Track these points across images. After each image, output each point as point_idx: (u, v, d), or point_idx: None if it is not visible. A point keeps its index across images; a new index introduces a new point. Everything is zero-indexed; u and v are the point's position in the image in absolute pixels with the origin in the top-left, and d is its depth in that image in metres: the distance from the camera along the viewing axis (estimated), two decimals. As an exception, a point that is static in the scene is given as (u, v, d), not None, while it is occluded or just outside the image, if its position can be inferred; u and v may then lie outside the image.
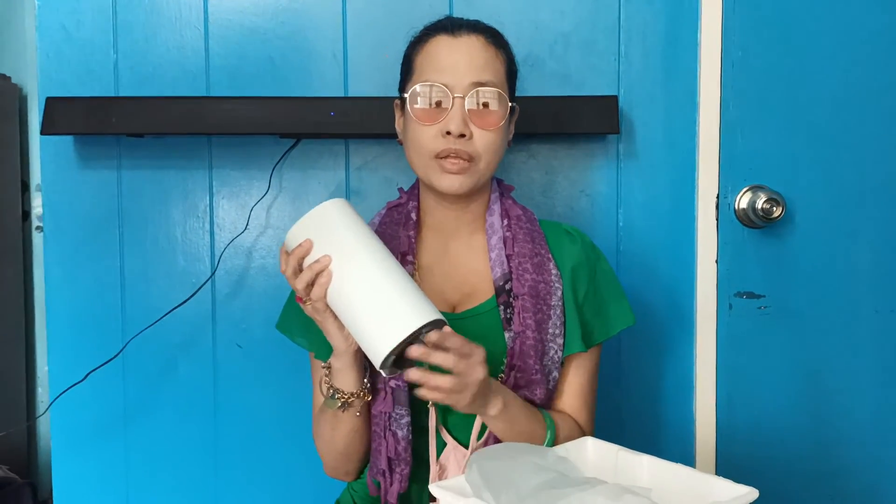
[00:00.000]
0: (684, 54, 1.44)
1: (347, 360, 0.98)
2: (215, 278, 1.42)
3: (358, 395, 1.00)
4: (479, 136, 1.03)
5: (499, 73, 1.06)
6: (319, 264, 0.91)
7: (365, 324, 0.90)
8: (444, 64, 1.03)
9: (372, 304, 0.90)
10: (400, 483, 1.02)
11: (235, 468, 1.45)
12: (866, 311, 1.48)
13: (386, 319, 0.89)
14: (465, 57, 1.03)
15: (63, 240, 1.42)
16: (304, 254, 0.93)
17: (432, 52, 1.05)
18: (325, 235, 0.93)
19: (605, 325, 1.11)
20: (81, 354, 1.41)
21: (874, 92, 1.46)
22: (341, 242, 0.92)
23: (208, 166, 1.42)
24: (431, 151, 1.03)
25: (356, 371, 0.99)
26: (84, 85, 1.40)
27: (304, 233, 0.94)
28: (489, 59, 1.04)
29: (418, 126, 1.03)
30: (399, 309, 0.89)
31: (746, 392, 1.48)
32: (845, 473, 1.51)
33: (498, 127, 1.04)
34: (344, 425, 1.03)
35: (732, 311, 1.46)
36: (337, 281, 0.91)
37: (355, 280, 0.91)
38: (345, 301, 0.92)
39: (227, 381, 1.44)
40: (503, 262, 1.08)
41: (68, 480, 1.44)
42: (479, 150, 1.03)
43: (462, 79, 1.02)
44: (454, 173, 1.03)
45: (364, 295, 0.90)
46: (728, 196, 1.44)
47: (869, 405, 1.50)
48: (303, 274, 0.92)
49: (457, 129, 1.01)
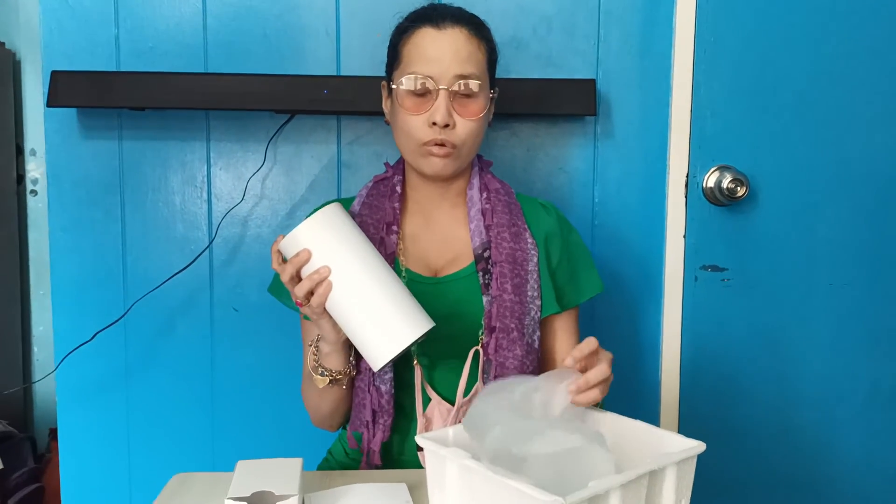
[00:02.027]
0: (660, 40, 1.50)
1: (337, 346, 1.05)
2: (212, 245, 1.49)
3: (345, 372, 1.07)
4: (462, 124, 1.09)
5: (481, 64, 1.11)
6: (319, 275, 0.94)
7: (362, 334, 0.96)
8: (430, 56, 1.08)
9: (369, 316, 0.95)
10: (383, 433, 1.10)
11: (231, 422, 1.52)
12: (821, 285, 1.57)
13: (383, 332, 0.94)
14: (450, 50, 1.08)
15: (67, 207, 1.47)
16: (303, 263, 0.95)
17: (419, 43, 1.10)
18: (323, 245, 0.95)
19: (576, 291, 1.19)
20: (85, 315, 1.47)
21: (837, 80, 1.53)
22: (339, 253, 0.95)
23: (206, 139, 1.48)
24: (419, 140, 1.10)
25: (344, 354, 1.06)
26: (86, 58, 1.44)
27: (301, 241, 0.95)
28: (472, 52, 1.10)
29: (406, 115, 1.10)
30: (395, 322, 0.94)
31: (708, 357, 1.57)
32: (799, 431, 1.61)
33: (479, 117, 1.11)
34: (330, 395, 1.11)
35: (698, 282, 1.55)
36: (335, 291, 0.95)
37: (353, 293, 0.95)
38: (343, 310, 0.96)
39: (224, 341, 1.51)
40: (482, 231, 1.16)
41: (73, 433, 1.52)
42: (463, 138, 1.10)
43: (447, 71, 1.08)
44: (440, 157, 1.10)
45: (362, 308, 0.95)
46: (697, 175, 1.52)
47: (821, 370, 1.59)
48: (302, 283, 0.96)
49: (442, 120, 1.07)
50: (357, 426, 1.13)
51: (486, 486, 0.80)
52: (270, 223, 1.50)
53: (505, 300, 1.12)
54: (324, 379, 1.07)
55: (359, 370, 1.11)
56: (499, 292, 1.12)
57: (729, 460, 1.59)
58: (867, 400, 1.60)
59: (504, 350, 1.11)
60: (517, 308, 1.12)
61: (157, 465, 1.52)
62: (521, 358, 1.12)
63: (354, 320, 0.96)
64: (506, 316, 1.11)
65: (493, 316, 1.12)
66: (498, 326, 1.11)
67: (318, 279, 0.95)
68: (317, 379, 1.07)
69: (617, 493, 0.77)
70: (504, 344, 1.11)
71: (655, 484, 0.82)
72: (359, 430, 1.13)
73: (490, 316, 1.12)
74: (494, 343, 1.11)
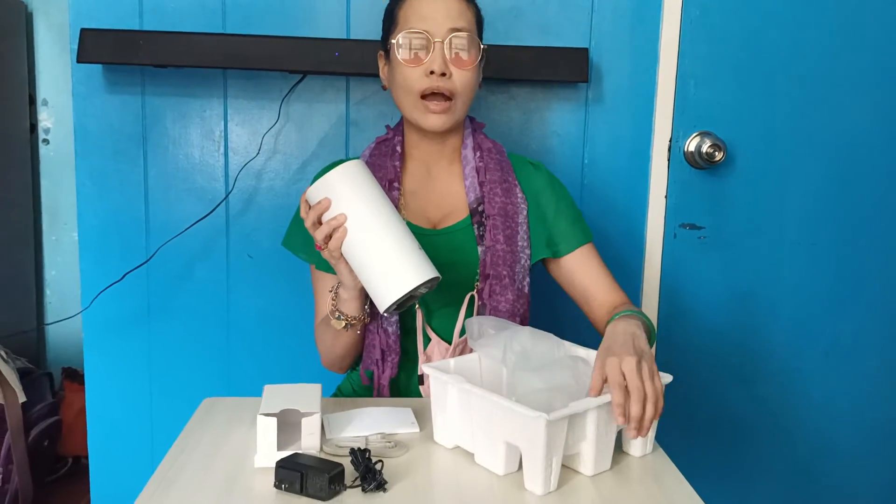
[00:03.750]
0: (649, 13, 1.59)
1: (354, 293, 1.14)
2: (229, 196, 1.60)
3: (360, 318, 1.18)
4: (458, 74, 1.20)
5: (470, 21, 1.22)
6: (336, 221, 1.04)
7: (372, 278, 1.05)
8: (425, 14, 1.19)
9: (379, 261, 1.04)
10: (391, 369, 1.23)
11: (244, 360, 1.65)
12: (790, 243, 1.69)
13: (389, 275, 1.04)
14: (443, 7, 1.19)
15: (92, 157, 1.57)
16: (324, 210, 1.05)
17: (414, 5, 1.21)
18: (343, 195, 1.04)
19: (568, 240, 1.30)
20: (110, 259, 1.59)
21: (811, 54, 1.63)
22: (355, 203, 1.04)
23: (223, 96, 1.58)
24: (417, 91, 1.20)
25: (360, 300, 1.17)
26: (111, 17, 1.52)
27: (324, 190, 1.05)
28: (462, 10, 1.21)
29: (405, 68, 1.20)
30: (401, 268, 1.04)
31: (685, 308, 1.70)
32: (767, 377, 1.74)
33: (473, 66, 1.21)
34: (344, 339, 1.21)
35: (677, 239, 1.67)
36: (350, 236, 1.04)
37: (366, 239, 1.04)
38: (356, 254, 1.05)
39: (239, 286, 1.63)
40: (476, 187, 1.27)
41: (99, 367, 1.64)
42: (458, 88, 1.21)
43: (441, 26, 1.19)
44: (437, 113, 1.21)
45: (372, 253, 1.04)
46: (679, 140, 1.63)
47: (787, 322, 1.72)
48: (322, 227, 1.05)
49: (439, 68, 1.18)
50: (368, 364, 1.25)
51: (483, 405, 0.93)
52: (283, 176, 1.61)
53: (498, 250, 1.23)
54: (340, 322, 1.17)
55: (372, 317, 1.22)
56: (492, 243, 1.23)
57: (699, 403, 1.73)
58: (828, 349, 1.74)
59: (497, 295, 1.23)
60: (509, 257, 1.24)
61: (176, 398, 1.65)
62: (512, 302, 1.24)
63: (366, 264, 1.06)
64: (498, 264, 1.23)
65: (487, 264, 1.23)
66: (491, 274, 1.23)
67: (335, 225, 1.04)
68: (334, 322, 1.18)
69: (593, 412, 0.91)
70: (497, 290, 1.23)
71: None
72: (370, 368, 1.25)
73: (485, 264, 1.24)
74: (488, 289, 1.23)
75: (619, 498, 0.88)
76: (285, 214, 1.54)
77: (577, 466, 0.93)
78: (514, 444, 0.90)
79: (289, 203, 1.59)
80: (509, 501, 0.87)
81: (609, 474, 0.94)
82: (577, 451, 0.92)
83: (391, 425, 1.05)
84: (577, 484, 0.91)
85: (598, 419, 0.91)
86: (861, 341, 1.75)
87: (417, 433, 1.04)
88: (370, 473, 0.89)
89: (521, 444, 0.89)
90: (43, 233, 2.54)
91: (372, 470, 0.89)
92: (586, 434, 0.91)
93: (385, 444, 1.00)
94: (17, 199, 2.44)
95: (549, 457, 0.87)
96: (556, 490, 0.89)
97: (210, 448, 0.99)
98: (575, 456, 0.93)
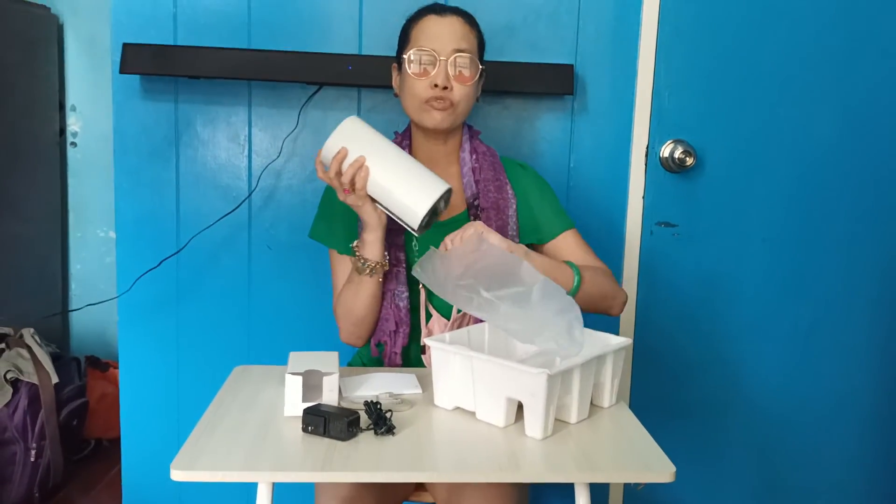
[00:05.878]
0: (628, 32, 1.76)
1: (379, 234, 1.30)
2: (251, 194, 1.77)
3: (381, 263, 1.33)
4: (458, 88, 1.38)
5: (473, 44, 1.41)
6: (357, 162, 1.22)
7: (400, 199, 1.22)
8: (433, 35, 1.38)
9: (403, 183, 1.22)
10: (403, 339, 1.39)
11: (264, 340, 1.80)
12: (754, 239, 1.84)
13: (414, 192, 1.22)
14: (448, 31, 1.38)
15: (129, 158, 1.74)
16: (343, 158, 1.24)
17: (424, 26, 1.39)
18: (355, 142, 1.22)
19: (551, 228, 1.46)
20: (144, 249, 1.75)
21: (775, 69, 1.79)
22: (369, 144, 1.22)
23: (248, 104, 1.74)
24: (423, 99, 1.38)
25: (381, 245, 1.32)
26: (150, 33, 1.69)
27: (337, 143, 1.22)
28: (466, 34, 1.40)
29: (413, 80, 1.38)
30: (424, 183, 1.23)
31: (661, 297, 1.85)
32: (733, 361, 1.89)
33: (472, 82, 1.39)
34: (365, 290, 1.35)
35: (653, 235, 1.83)
36: (373, 172, 1.21)
37: (387, 169, 1.21)
38: (381, 185, 1.22)
39: (259, 273, 1.79)
40: (472, 185, 1.45)
41: (131, 347, 1.80)
42: (458, 99, 1.39)
43: (446, 46, 1.37)
44: (439, 110, 1.38)
45: (396, 179, 1.22)
46: (655, 147, 1.79)
47: (751, 310, 1.86)
48: (346, 172, 1.23)
49: (442, 82, 1.36)
50: (380, 336, 1.41)
51: (486, 367, 1.07)
52: (300, 176, 1.78)
53: None
54: (364, 269, 1.32)
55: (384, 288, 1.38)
56: None
57: (672, 381, 1.89)
58: (788, 335, 1.89)
59: None
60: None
61: (202, 373, 1.81)
62: None
63: (392, 189, 1.22)
64: None
65: None
66: None
67: (357, 165, 1.22)
68: (357, 268, 1.33)
69: (578, 370, 1.08)
70: None
71: (601, 365, 1.14)
72: (382, 340, 1.41)
73: None
74: None
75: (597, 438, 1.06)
76: (302, 210, 1.73)
77: (564, 417, 1.10)
78: (514, 399, 1.05)
79: (305, 200, 1.77)
80: (512, 444, 1.02)
81: (587, 422, 1.11)
82: (563, 402, 1.08)
83: (398, 387, 1.22)
84: (565, 429, 1.08)
85: (581, 375, 1.08)
86: (817, 326, 1.89)
87: (420, 394, 1.20)
88: (381, 420, 1.05)
89: (523, 397, 1.03)
90: (69, 230, 2.71)
91: (383, 417, 1.06)
92: (571, 388, 1.08)
93: (393, 401, 1.17)
94: (45, 198, 2.60)
95: (549, 406, 1.02)
96: (551, 435, 1.05)
97: (244, 404, 1.15)
98: (561, 407, 1.08)
